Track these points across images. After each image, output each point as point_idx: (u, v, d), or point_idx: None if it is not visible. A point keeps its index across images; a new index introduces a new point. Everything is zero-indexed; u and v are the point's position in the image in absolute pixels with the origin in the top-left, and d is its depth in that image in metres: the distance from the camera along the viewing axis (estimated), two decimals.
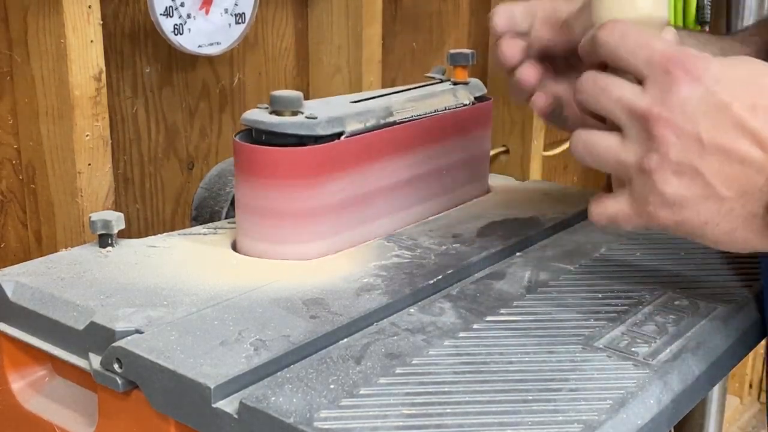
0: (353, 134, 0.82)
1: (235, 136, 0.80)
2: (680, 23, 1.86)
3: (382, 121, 0.85)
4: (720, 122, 0.56)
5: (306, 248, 0.80)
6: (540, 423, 0.56)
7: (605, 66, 0.60)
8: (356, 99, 0.87)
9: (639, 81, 0.58)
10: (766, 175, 0.56)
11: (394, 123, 0.86)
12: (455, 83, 0.97)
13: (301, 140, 0.78)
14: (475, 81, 0.98)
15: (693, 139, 0.56)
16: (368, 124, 0.84)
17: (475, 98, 0.97)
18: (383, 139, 0.85)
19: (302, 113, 0.79)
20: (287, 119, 0.78)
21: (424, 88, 0.94)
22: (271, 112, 0.79)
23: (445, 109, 0.92)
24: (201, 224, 0.92)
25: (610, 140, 0.59)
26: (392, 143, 0.86)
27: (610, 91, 0.59)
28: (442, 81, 0.98)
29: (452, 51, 0.97)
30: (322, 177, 0.79)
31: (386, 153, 0.86)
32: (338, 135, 0.81)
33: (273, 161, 0.78)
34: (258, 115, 0.79)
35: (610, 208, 0.61)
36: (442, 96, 0.93)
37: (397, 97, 0.89)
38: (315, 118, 0.79)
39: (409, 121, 0.88)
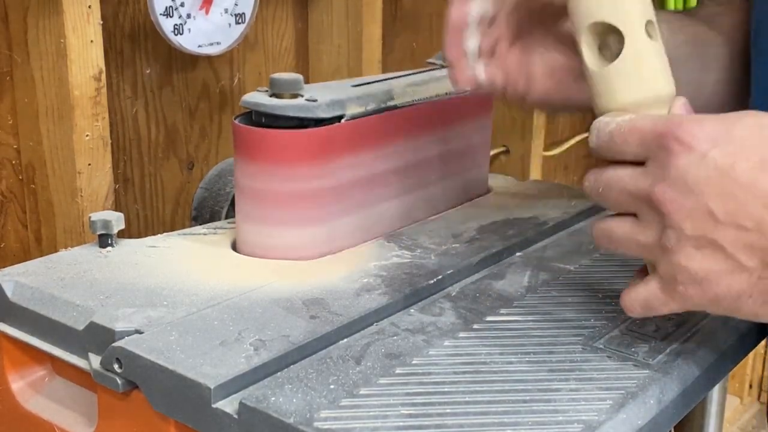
0: (354, 117, 0.81)
1: (234, 118, 0.80)
2: None
3: (383, 105, 0.85)
4: (726, 188, 0.53)
5: (306, 231, 0.80)
6: (540, 423, 0.56)
7: None
8: (357, 83, 0.87)
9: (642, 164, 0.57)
10: None
11: (395, 107, 0.86)
12: None
13: (301, 123, 0.78)
14: None
15: (702, 211, 0.54)
16: (369, 108, 0.83)
17: None
18: (384, 122, 0.84)
19: (302, 96, 0.79)
20: (287, 102, 0.78)
21: (425, 73, 0.94)
22: (271, 95, 0.79)
23: (447, 95, 0.92)
24: (201, 224, 0.92)
25: (626, 226, 0.58)
26: (393, 127, 0.86)
27: (612, 186, 0.58)
28: (443, 67, 0.97)
29: None
30: (322, 159, 0.79)
31: (387, 137, 0.85)
32: (338, 118, 0.80)
33: (273, 143, 0.77)
34: (258, 98, 0.79)
35: (642, 293, 0.59)
36: (444, 82, 0.92)
37: (398, 81, 0.89)
38: (315, 100, 0.78)
39: (410, 105, 0.87)
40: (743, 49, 0.72)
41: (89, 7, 0.92)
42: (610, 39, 0.59)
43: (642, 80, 0.58)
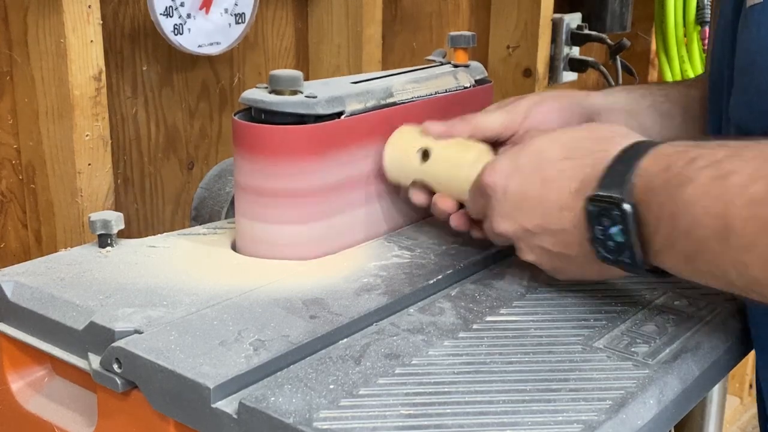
0: (353, 114, 0.81)
1: (234, 114, 0.80)
2: (680, 24, 1.88)
3: (383, 102, 0.85)
4: (528, 209, 0.71)
5: (305, 228, 0.79)
6: (540, 423, 0.56)
7: None
8: (356, 80, 0.87)
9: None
10: (580, 228, 0.68)
11: (395, 104, 0.86)
12: (456, 66, 0.96)
13: (301, 119, 0.78)
14: (475, 64, 0.97)
15: (523, 229, 0.72)
16: (368, 105, 0.83)
17: (476, 81, 0.96)
18: (383, 119, 0.84)
19: (302, 93, 0.79)
20: (287, 98, 0.78)
21: (424, 70, 0.94)
22: (270, 92, 0.79)
23: (446, 92, 0.92)
24: (201, 224, 0.92)
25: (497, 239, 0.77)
26: (392, 124, 0.85)
27: (487, 231, 0.77)
28: (442, 64, 0.97)
29: (452, 33, 0.96)
30: (321, 156, 0.79)
31: (386, 133, 0.85)
32: (338, 114, 0.80)
33: (272, 139, 0.77)
34: (257, 94, 0.78)
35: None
36: (443, 78, 0.92)
37: (398, 78, 0.89)
38: (315, 97, 0.78)
39: (410, 102, 0.87)
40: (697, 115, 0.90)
41: (89, 7, 0.92)
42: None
43: (449, 165, 0.81)
